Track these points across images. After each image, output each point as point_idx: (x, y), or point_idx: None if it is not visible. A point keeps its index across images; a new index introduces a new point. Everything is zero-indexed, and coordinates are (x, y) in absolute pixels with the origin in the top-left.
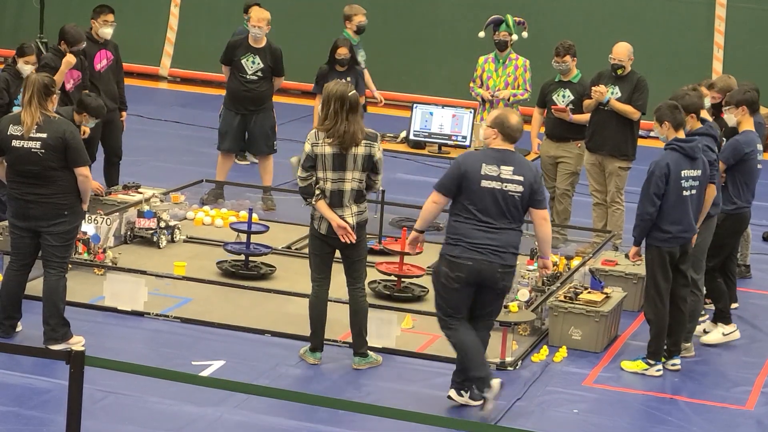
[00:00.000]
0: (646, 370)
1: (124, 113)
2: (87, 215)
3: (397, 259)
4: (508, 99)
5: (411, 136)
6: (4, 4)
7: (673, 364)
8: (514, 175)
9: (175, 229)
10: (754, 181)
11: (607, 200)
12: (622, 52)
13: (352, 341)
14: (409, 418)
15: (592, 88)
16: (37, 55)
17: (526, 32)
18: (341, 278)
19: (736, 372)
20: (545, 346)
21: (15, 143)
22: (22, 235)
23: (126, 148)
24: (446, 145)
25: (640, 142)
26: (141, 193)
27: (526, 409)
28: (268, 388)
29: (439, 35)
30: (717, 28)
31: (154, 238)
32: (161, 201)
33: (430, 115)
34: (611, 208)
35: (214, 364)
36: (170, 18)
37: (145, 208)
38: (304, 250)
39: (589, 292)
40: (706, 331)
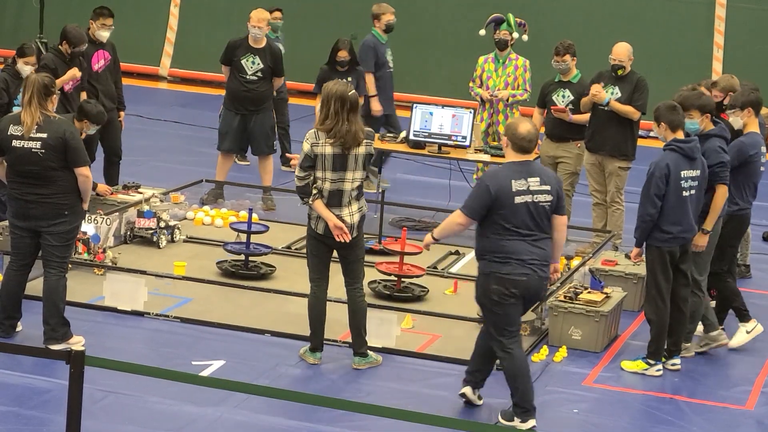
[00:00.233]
0: (646, 370)
1: (123, 113)
2: (87, 215)
3: (397, 259)
4: (507, 99)
5: (411, 136)
6: (4, 4)
7: (673, 364)
8: (542, 186)
9: (175, 229)
10: (757, 183)
11: (607, 200)
12: (622, 52)
13: (352, 341)
14: (409, 418)
15: (592, 87)
16: (37, 56)
17: (527, 35)
18: (340, 278)
19: (736, 372)
20: (545, 346)
21: (15, 143)
22: (22, 235)
23: (126, 148)
24: (446, 145)
25: (640, 142)
26: (141, 193)
27: None
28: (268, 388)
29: (439, 35)
30: (717, 28)
31: (154, 238)
32: (161, 201)
33: (430, 115)
34: (611, 208)
35: (214, 364)
36: (170, 18)
37: (145, 208)
38: (303, 250)
39: (589, 292)
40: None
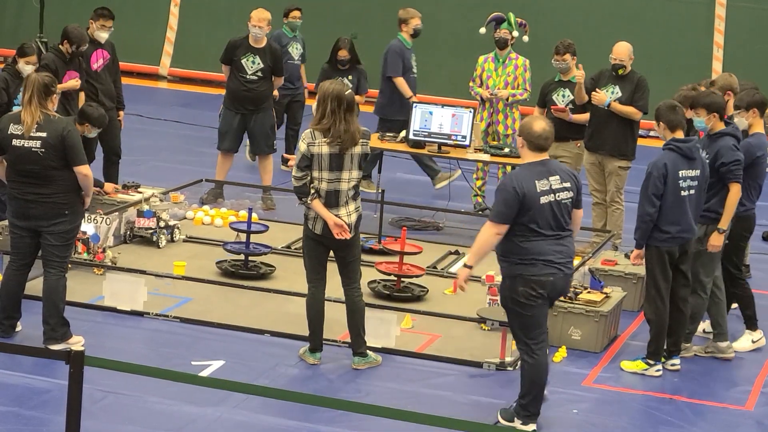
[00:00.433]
0: (646, 370)
1: (122, 112)
2: (87, 215)
3: (396, 259)
4: (507, 99)
5: (411, 136)
6: (4, 4)
7: (672, 364)
8: (563, 183)
9: (175, 229)
10: (762, 183)
11: (607, 200)
12: (622, 51)
13: (351, 341)
14: (409, 418)
15: (592, 93)
16: (38, 56)
17: (527, 36)
18: (339, 278)
19: (736, 372)
20: None
21: (15, 142)
22: (22, 235)
23: (126, 148)
24: (446, 145)
25: (640, 142)
26: (140, 193)
27: None
28: (268, 388)
29: (439, 35)
30: (717, 28)
31: (154, 238)
32: (161, 200)
33: (430, 115)
34: (611, 208)
35: (213, 364)
36: (170, 17)
37: (145, 207)
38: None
39: (589, 292)
40: (706, 331)
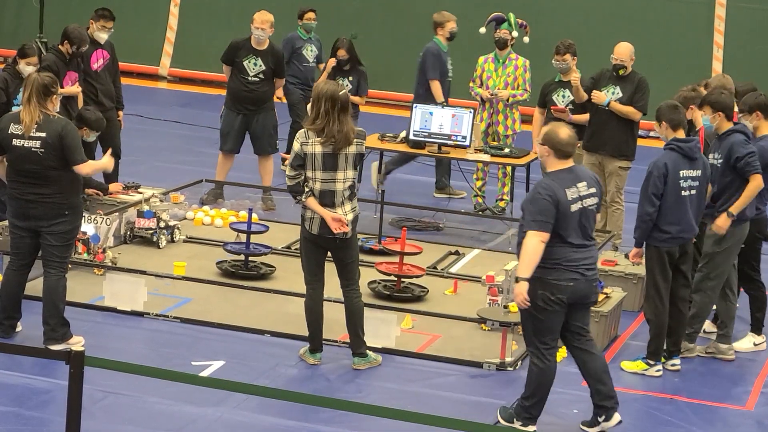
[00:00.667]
0: (646, 370)
1: (121, 112)
2: (87, 215)
3: (397, 259)
4: (507, 99)
5: (411, 136)
6: (4, 4)
7: (672, 364)
8: (589, 189)
9: (175, 229)
10: None
11: (607, 200)
12: (624, 52)
13: (350, 342)
14: (409, 418)
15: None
16: (38, 56)
17: (528, 37)
18: (337, 278)
19: (736, 372)
20: None
21: (15, 142)
22: (22, 235)
23: (125, 148)
24: (446, 145)
25: (640, 142)
26: (141, 193)
27: None
28: (268, 388)
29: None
30: (717, 28)
31: (154, 238)
32: (161, 201)
33: (430, 115)
34: (611, 208)
35: (213, 364)
36: (170, 18)
37: (145, 208)
38: None
39: None
40: (707, 331)
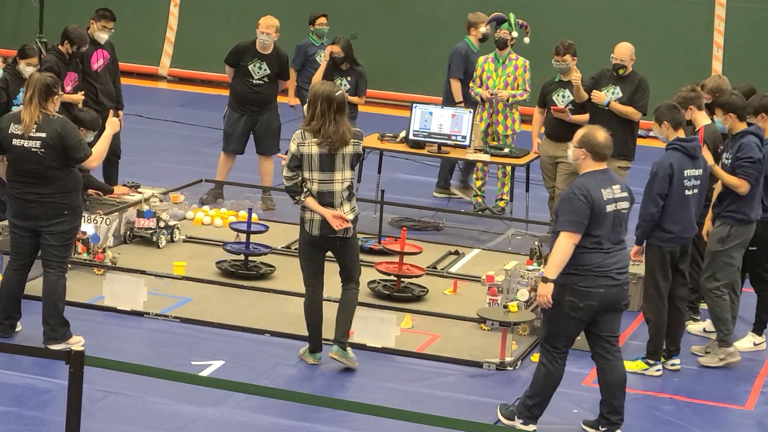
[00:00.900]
0: (646, 370)
1: (121, 112)
2: (87, 215)
3: (396, 259)
4: (507, 99)
5: (411, 136)
6: (4, 4)
7: (672, 364)
8: (622, 192)
9: (175, 229)
10: None
11: None
12: (624, 52)
13: (336, 327)
14: (409, 418)
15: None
16: (38, 56)
17: (528, 38)
18: (337, 278)
19: (736, 372)
20: None
21: (15, 142)
22: (22, 235)
23: (125, 148)
24: (446, 145)
25: (640, 142)
26: (140, 193)
27: None
28: (268, 388)
29: (439, 35)
30: (717, 28)
31: (154, 238)
32: (161, 201)
33: (430, 115)
34: None
35: (213, 364)
36: (170, 18)
37: (145, 207)
38: None
39: None
40: (707, 330)
